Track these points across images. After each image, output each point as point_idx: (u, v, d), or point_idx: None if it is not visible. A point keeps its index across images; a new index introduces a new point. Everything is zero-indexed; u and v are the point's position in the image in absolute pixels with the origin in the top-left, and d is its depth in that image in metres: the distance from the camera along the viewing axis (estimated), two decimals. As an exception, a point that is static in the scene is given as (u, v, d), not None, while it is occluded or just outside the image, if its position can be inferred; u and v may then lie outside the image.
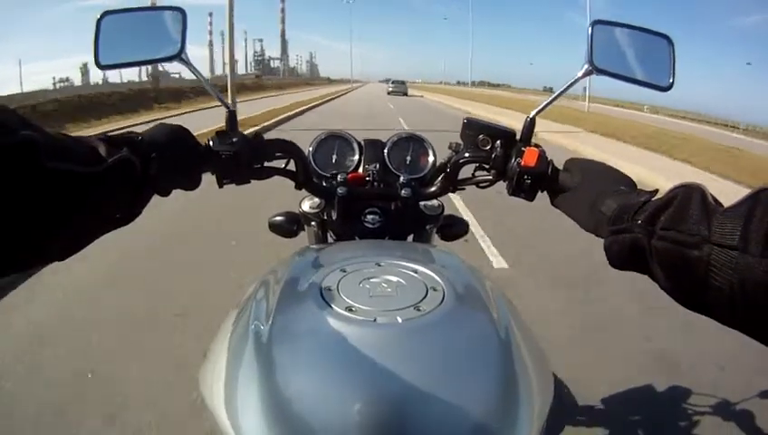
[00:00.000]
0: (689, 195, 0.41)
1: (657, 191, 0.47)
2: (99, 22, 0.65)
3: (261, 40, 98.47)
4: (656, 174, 5.76)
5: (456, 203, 3.81)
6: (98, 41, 0.65)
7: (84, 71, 25.25)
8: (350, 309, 0.44)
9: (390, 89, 33.44)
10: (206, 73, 0.75)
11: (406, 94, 32.86)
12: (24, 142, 0.33)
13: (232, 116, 0.63)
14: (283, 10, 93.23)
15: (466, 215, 3.53)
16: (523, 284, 2.58)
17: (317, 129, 0.94)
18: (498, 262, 2.86)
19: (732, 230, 0.35)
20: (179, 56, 0.64)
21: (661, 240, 0.40)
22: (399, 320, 0.43)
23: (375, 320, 0.43)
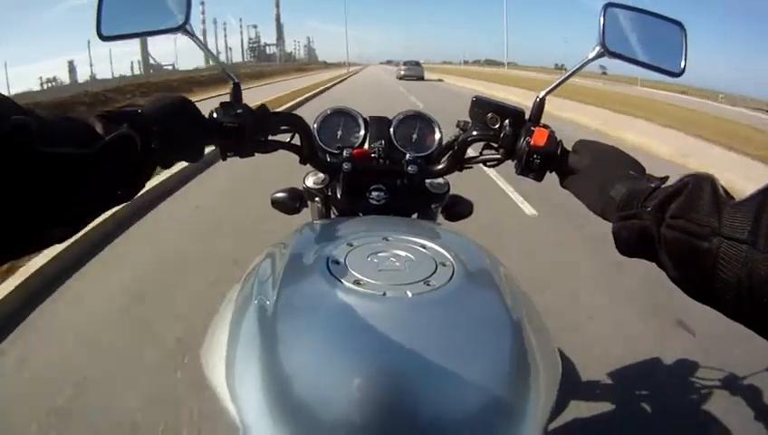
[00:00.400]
0: (700, 184, 0.40)
1: (667, 178, 0.46)
2: None
3: (256, 26, 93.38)
4: None
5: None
6: (100, 11, 0.64)
7: (71, 68, 24.23)
8: (358, 283, 0.43)
9: (402, 72, 25.61)
10: (200, 63, 0.71)
11: (422, 78, 25.51)
12: (16, 128, 0.32)
13: (236, 88, 0.62)
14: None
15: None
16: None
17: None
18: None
19: (742, 224, 0.35)
20: (184, 27, 0.63)
21: (670, 229, 0.40)
22: (409, 294, 0.42)
23: (384, 294, 0.42)
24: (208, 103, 0.63)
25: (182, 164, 0.56)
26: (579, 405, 1.42)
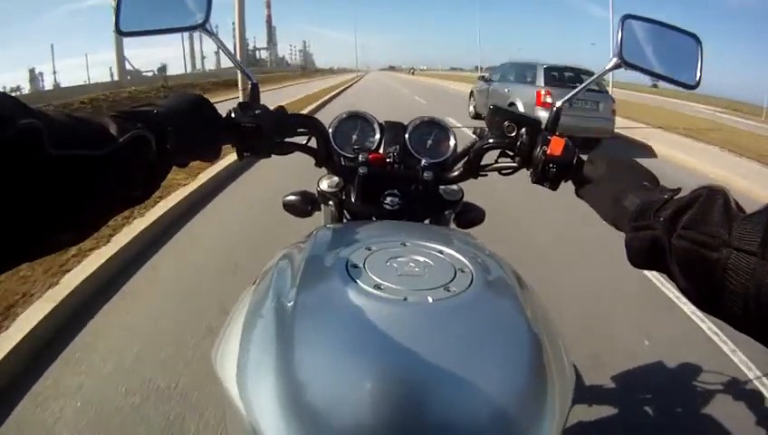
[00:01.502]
0: (713, 197, 0.41)
1: (680, 190, 0.47)
2: None
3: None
4: None
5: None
6: (119, 7, 0.64)
7: (32, 76, 21.79)
8: (378, 287, 0.43)
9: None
10: (188, 69, 0.68)
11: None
12: (25, 132, 0.31)
13: (255, 89, 0.62)
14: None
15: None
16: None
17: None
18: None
19: (752, 236, 0.35)
20: (203, 26, 0.63)
21: (681, 239, 0.40)
22: (430, 300, 0.42)
23: (405, 299, 0.42)
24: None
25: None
26: (583, 409, 1.42)
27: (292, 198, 0.84)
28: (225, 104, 0.60)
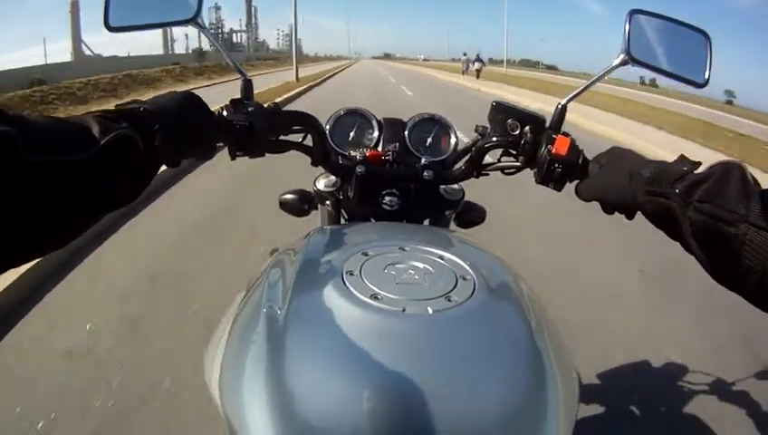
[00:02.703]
0: (729, 171, 0.41)
1: (700, 164, 0.46)
2: None
3: (218, 7, 67.22)
4: None
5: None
6: (108, 3, 0.61)
7: None
8: (375, 297, 0.41)
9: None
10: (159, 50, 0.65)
11: None
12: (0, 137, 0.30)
13: (248, 85, 0.59)
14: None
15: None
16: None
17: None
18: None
19: None
20: (195, 20, 0.60)
21: (697, 212, 0.41)
22: (430, 311, 0.40)
23: (404, 310, 0.40)
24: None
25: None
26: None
27: (288, 196, 0.81)
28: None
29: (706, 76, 0.66)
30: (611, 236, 2.76)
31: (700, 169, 0.45)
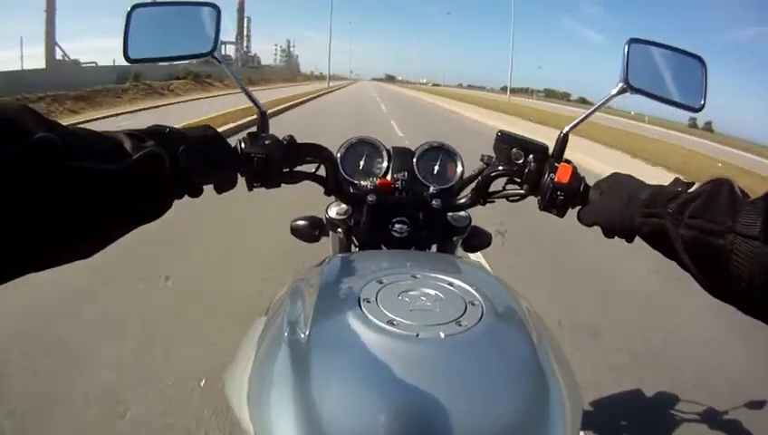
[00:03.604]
0: (718, 187, 0.43)
1: (693, 183, 0.48)
2: (129, 14, 0.64)
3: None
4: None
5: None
6: (127, 34, 0.64)
7: None
8: (391, 323, 0.44)
9: None
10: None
11: None
12: (42, 143, 0.33)
13: (264, 117, 0.62)
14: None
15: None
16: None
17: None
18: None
19: (755, 222, 0.37)
20: (212, 54, 0.63)
21: (688, 228, 0.42)
22: (442, 335, 0.43)
23: (417, 335, 0.42)
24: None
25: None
26: None
27: (300, 223, 0.84)
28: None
29: (702, 102, 0.69)
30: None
31: (693, 189, 0.47)
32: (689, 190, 0.47)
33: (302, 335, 0.44)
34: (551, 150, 0.64)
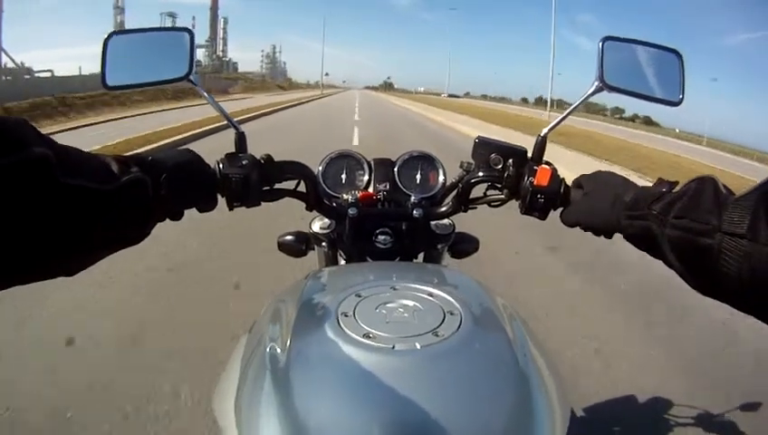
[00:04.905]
0: (702, 185, 0.43)
1: (677, 183, 0.48)
2: (106, 42, 0.64)
3: (173, 15, 56.12)
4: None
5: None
6: (105, 61, 0.64)
7: None
8: (367, 336, 0.44)
9: None
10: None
11: None
12: (38, 158, 0.33)
13: (241, 138, 0.62)
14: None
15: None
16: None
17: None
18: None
19: (741, 219, 0.37)
20: (187, 77, 0.64)
21: (674, 229, 0.42)
22: (418, 346, 0.43)
23: (393, 347, 0.42)
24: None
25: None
26: None
27: (287, 238, 0.84)
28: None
29: (681, 96, 0.69)
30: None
31: (677, 188, 0.47)
32: (673, 190, 0.46)
33: (283, 353, 0.44)
34: (530, 154, 0.63)
